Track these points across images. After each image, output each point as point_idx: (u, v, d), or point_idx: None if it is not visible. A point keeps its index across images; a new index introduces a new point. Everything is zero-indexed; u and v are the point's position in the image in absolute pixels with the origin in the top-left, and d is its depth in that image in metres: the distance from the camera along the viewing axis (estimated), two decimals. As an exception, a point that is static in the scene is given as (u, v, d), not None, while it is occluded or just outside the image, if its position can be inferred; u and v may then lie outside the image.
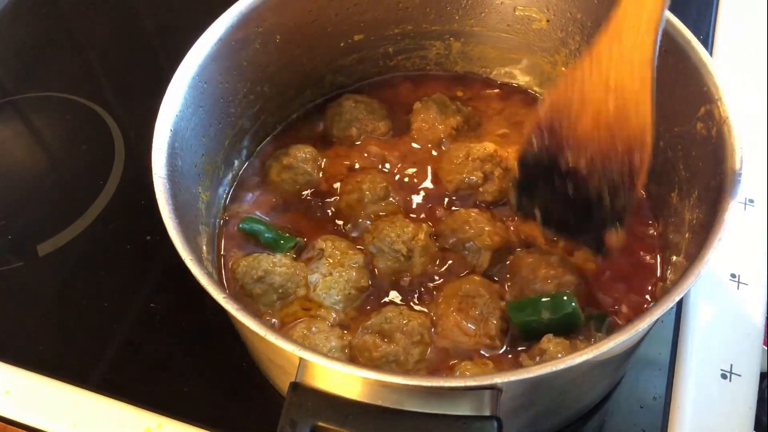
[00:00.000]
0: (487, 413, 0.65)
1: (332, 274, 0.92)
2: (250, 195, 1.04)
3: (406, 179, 1.05)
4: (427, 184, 1.04)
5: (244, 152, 1.07)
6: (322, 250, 0.95)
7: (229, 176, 1.04)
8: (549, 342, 0.83)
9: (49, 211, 1.15)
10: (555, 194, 0.87)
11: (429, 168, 1.06)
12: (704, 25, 1.30)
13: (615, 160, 0.81)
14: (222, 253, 0.98)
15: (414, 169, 1.06)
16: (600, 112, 0.81)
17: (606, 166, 0.82)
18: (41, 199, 1.17)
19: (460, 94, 1.15)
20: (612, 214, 0.84)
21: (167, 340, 1.00)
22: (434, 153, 1.07)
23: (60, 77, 1.33)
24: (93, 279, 1.06)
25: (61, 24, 1.46)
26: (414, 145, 1.08)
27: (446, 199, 1.02)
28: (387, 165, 1.07)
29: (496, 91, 1.16)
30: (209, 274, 0.72)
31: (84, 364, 0.97)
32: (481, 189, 1.01)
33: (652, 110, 0.78)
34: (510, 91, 1.15)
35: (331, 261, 0.93)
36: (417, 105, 1.10)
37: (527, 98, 1.14)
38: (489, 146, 1.03)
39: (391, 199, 1.01)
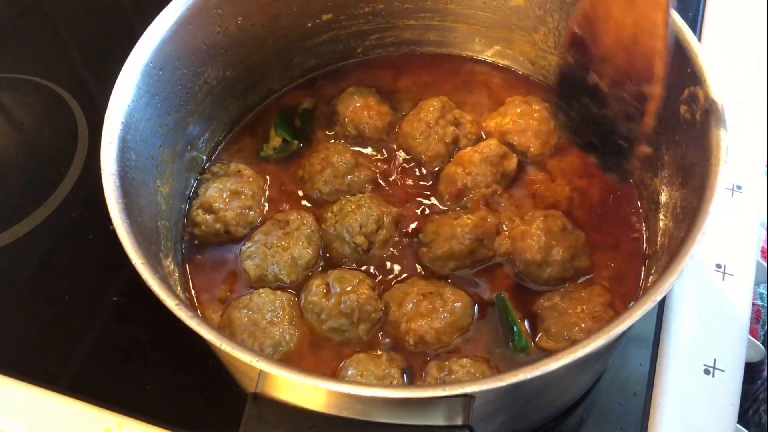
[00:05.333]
0: (459, 422, 0.62)
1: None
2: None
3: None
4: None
5: (209, 141, 1.02)
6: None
7: (193, 167, 1.00)
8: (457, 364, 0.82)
9: (8, 200, 1.11)
10: (584, 110, 0.89)
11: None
12: (693, 2, 1.25)
13: (630, 85, 0.82)
14: (185, 252, 0.94)
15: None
16: (620, 29, 0.81)
17: (622, 88, 0.83)
18: (-1, 186, 1.14)
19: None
20: (626, 138, 0.85)
21: (131, 336, 0.97)
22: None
23: (25, 56, 1.29)
24: (53, 271, 1.03)
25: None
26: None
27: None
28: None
29: (473, 70, 1.11)
30: (163, 278, 0.68)
31: (42, 362, 0.94)
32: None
33: (666, 39, 0.78)
34: (488, 71, 1.11)
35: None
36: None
37: (505, 77, 1.10)
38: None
39: (356, 174, 0.98)
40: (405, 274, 0.92)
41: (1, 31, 1.34)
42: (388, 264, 0.92)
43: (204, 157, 1.02)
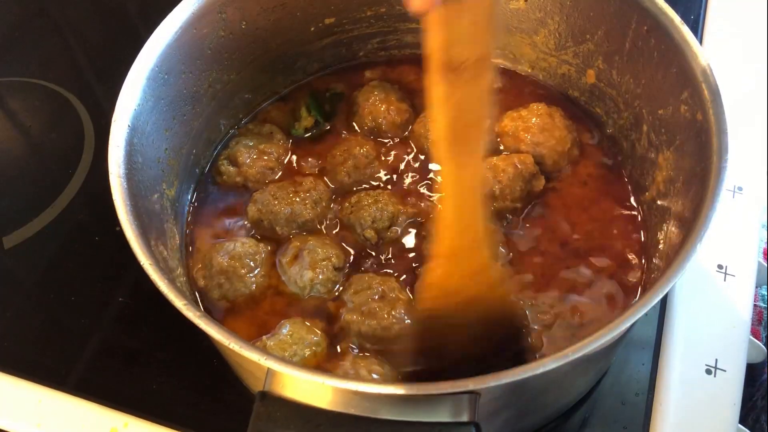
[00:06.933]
0: (465, 419, 0.63)
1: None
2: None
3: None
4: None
5: (214, 143, 1.03)
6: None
7: (197, 170, 1.00)
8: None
9: (16, 201, 1.12)
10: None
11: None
12: (694, 4, 1.26)
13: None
14: (191, 249, 0.95)
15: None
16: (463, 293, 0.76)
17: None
18: (6, 188, 1.14)
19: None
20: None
21: (137, 336, 0.98)
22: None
23: (32, 60, 1.29)
24: (61, 272, 1.03)
25: (38, 1, 1.40)
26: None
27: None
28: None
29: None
30: (170, 279, 0.69)
31: (49, 362, 0.95)
32: None
33: None
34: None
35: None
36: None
37: (504, 79, 1.10)
38: None
39: (376, 167, 1.00)
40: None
41: (8, 35, 1.34)
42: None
43: (208, 160, 1.03)
